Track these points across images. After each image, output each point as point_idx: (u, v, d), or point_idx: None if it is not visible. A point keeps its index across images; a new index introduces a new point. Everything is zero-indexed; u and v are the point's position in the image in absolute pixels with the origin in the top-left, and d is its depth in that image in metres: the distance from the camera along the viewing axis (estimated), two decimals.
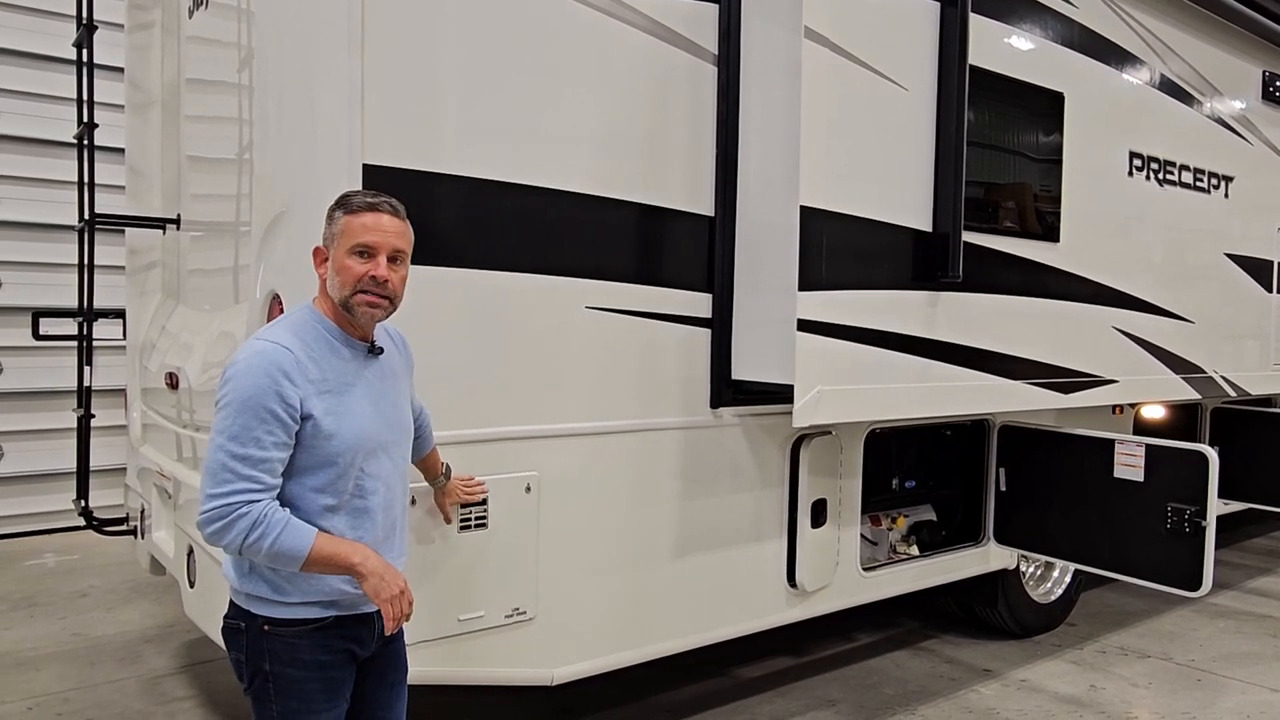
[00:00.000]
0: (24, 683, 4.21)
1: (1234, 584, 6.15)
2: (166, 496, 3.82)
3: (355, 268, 2.04)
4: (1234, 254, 5.18)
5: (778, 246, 3.26)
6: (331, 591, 2.08)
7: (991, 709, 4.11)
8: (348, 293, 2.05)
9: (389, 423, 2.15)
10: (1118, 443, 4.02)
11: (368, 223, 2.06)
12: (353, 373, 2.09)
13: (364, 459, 2.07)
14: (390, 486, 2.16)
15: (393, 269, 2.07)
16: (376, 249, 2.05)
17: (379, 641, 2.22)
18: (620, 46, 3.17)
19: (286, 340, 2.02)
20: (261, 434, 1.93)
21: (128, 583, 5.69)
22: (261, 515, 1.93)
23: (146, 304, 4.52)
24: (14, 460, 6.91)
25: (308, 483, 2.03)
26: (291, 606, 2.07)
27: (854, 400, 3.39)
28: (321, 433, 2.00)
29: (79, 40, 4.53)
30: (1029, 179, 4.04)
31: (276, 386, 1.95)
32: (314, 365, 2.03)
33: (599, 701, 4.02)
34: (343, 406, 2.04)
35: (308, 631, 2.08)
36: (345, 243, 2.06)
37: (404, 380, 2.28)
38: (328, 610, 2.09)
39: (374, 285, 2.05)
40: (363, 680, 2.24)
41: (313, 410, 1.99)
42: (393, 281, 2.07)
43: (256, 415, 1.93)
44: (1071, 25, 4.14)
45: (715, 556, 3.52)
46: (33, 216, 6.91)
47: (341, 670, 2.14)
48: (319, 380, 2.02)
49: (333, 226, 2.11)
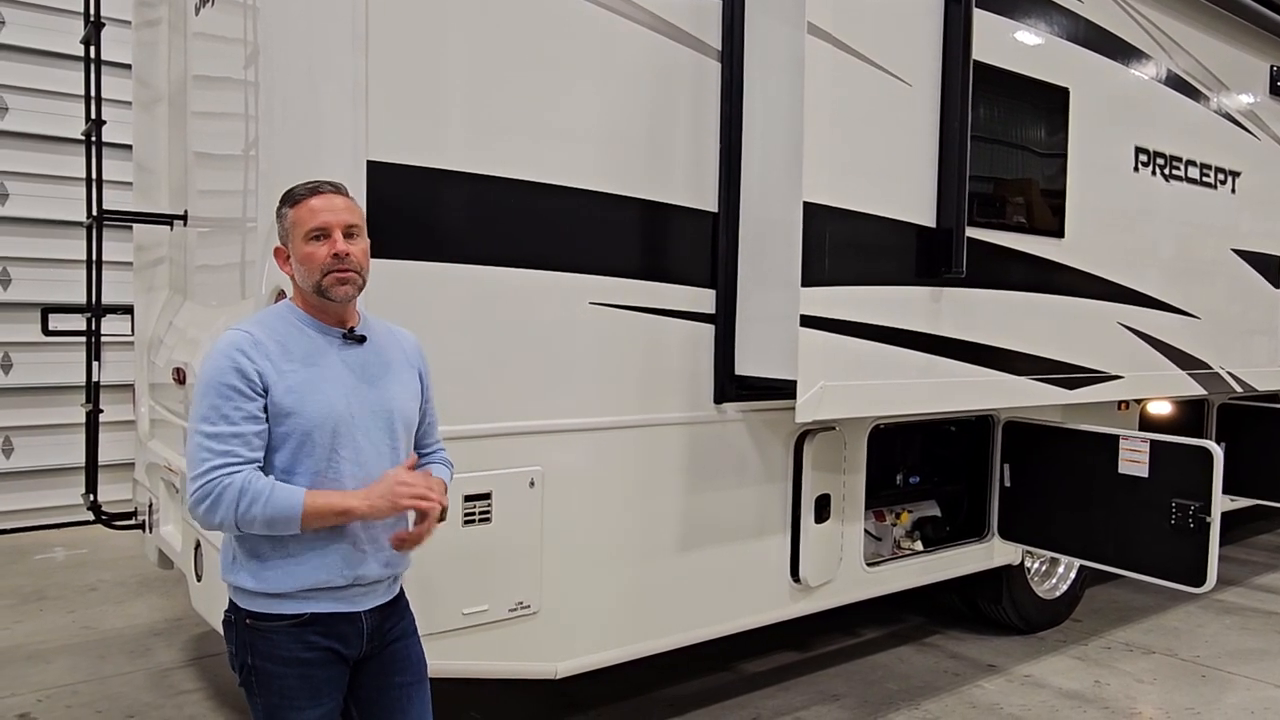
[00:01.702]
0: (34, 675, 4.24)
1: (1240, 580, 6.14)
2: (174, 491, 3.85)
3: (316, 252, 2.07)
4: (1241, 249, 5.16)
5: (781, 242, 3.26)
6: (311, 581, 2.06)
7: (995, 704, 4.11)
8: (317, 277, 2.08)
9: (365, 406, 2.12)
10: (1122, 438, 4.02)
11: (315, 206, 2.09)
12: (320, 355, 2.10)
13: (331, 439, 2.06)
14: (369, 471, 2.11)
15: (351, 243, 2.09)
16: (330, 227, 2.08)
17: (371, 642, 2.17)
18: (624, 43, 3.18)
19: (247, 325, 2.09)
20: (228, 410, 1.98)
21: (136, 577, 5.73)
22: (245, 484, 1.96)
23: (154, 300, 4.54)
24: (23, 455, 6.96)
25: (274, 461, 2.05)
26: (270, 599, 2.07)
27: (858, 396, 3.39)
28: (280, 410, 2.03)
29: (87, 37, 4.55)
30: (1034, 174, 4.03)
31: (234, 363, 2.00)
32: (276, 345, 2.06)
33: (603, 695, 4.03)
34: (305, 386, 2.05)
35: (286, 627, 2.08)
36: (299, 232, 2.10)
37: (401, 373, 2.23)
38: (305, 605, 2.08)
39: (337, 263, 2.07)
40: (364, 683, 2.21)
41: (270, 385, 2.02)
42: (354, 254, 2.09)
43: (220, 393, 1.99)
44: (1076, 20, 4.13)
45: (719, 551, 3.53)
46: (41, 213, 6.94)
47: (324, 670, 2.11)
48: (279, 358, 2.05)
49: (283, 224, 2.14)
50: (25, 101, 6.93)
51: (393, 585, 2.25)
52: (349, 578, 2.09)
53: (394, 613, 2.25)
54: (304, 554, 2.06)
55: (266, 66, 2.98)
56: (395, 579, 2.25)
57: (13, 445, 6.93)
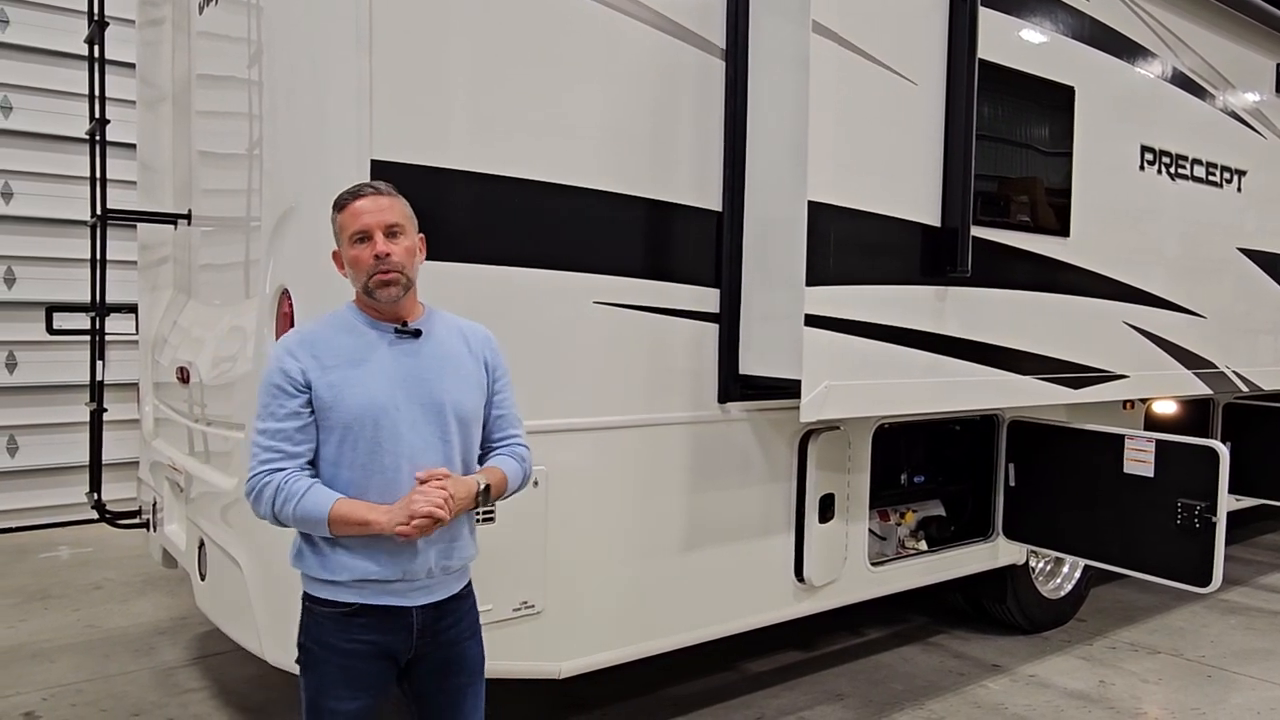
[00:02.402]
0: (39, 674, 4.25)
1: (1245, 580, 6.12)
2: (178, 490, 3.85)
3: (361, 255, 2.13)
4: (1247, 248, 5.15)
5: (786, 241, 3.26)
6: (360, 572, 2.10)
7: (1000, 704, 4.11)
8: (364, 279, 2.14)
9: (412, 398, 2.14)
10: (1128, 438, 4.01)
11: (357, 209, 2.15)
12: (371, 350, 2.15)
13: (374, 431, 2.10)
14: (416, 463, 2.13)
15: (392, 243, 2.13)
16: (370, 229, 2.13)
17: (423, 639, 2.18)
18: (628, 41, 3.17)
19: (303, 326, 2.24)
20: (275, 407, 2.10)
21: (141, 575, 5.74)
22: (283, 483, 2.06)
23: (158, 299, 4.55)
24: (28, 453, 6.97)
25: (324, 454, 2.13)
26: (323, 585, 2.14)
27: (862, 395, 3.39)
28: (322, 404, 2.10)
29: (91, 36, 4.56)
30: (1039, 173, 4.02)
31: (280, 363, 2.12)
32: (325, 343, 2.14)
33: (607, 695, 4.03)
34: (346, 381, 2.11)
35: (335, 615, 2.14)
36: (345, 235, 2.16)
37: (460, 367, 2.24)
38: (355, 596, 2.12)
39: (379, 264, 2.12)
40: (422, 679, 2.24)
41: (313, 381, 2.10)
42: (395, 254, 2.13)
43: (268, 392, 2.11)
44: (1082, 18, 4.12)
45: (723, 551, 3.52)
46: (46, 212, 6.95)
47: (366, 664, 2.14)
48: (326, 355, 2.12)
49: (334, 229, 2.21)
50: (30, 100, 6.94)
51: (450, 582, 2.24)
52: (397, 572, 2.11)
53: (452, 611, 2.24)
54: (354, 545, 2.11)
55: (270, 65, 2.98)
56: (454, 576, 2.24)
57: (17, 444, 6.94)
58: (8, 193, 6.90)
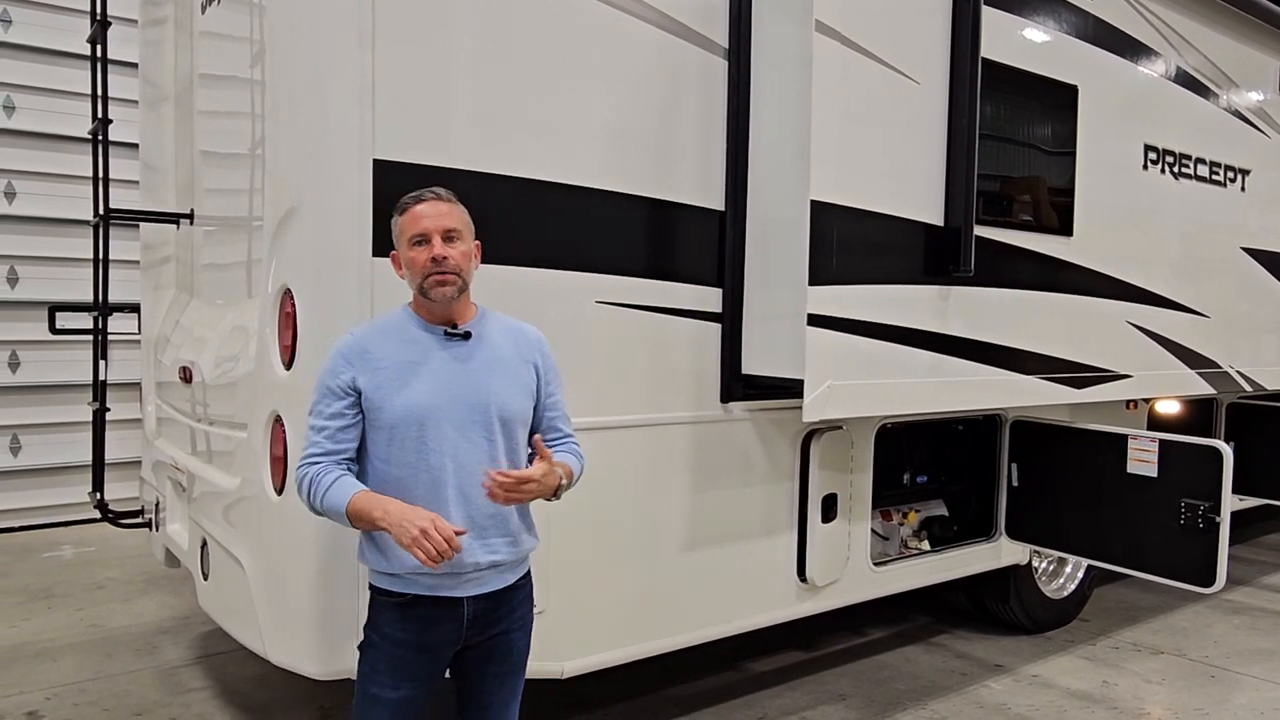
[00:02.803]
0: (42, 673, 4.25)
1: (1249, 580, 6.11)
2: (181, 490, 3.85)
3: (418, 256, 2.22)
4: (1251, 248, 5.14)
5: (788, 241, 3.25)
6: (411, 564, 2.17)
7: (1003, 704, 4.10)
8: (420, 280, 2.23)
9: (458, 400, 2.21)
10: (1131, 438, 4.00)
11: (418, 212, 2.24)
12: (421, 352, 2.23)
13: (419, 431, 2.18)
14: (461, 462, 2.19)
15: (450, 246, 2.22)
16: (429, 233, 2.21)
17: (474, 628, 2.26)
18: (631, 41, 3.17)
19: (358, 329, 2.31)
20: (323, 406, 2.23)
21: (143, 575, 5.74)
22: (316, 475, 2.18)
23: (161, 298, 4.55)
24: (31, 453, 6.98)
25: (376, 451, 2.23)
26: (381, 576, 2.25)
27: (865, 395, 3.38)
28: (371, 405, 2.21)
29: (93, 36, 4.56)
30: (1042, 172, 4.02)
31: (332, 366, 2.25)
32: (373, 348, 2.24)
33: (609, 694, 4.03)
34: (392, 383, 2.20)
35: (391, 604, 2.24)
36: (404, 238, 2.25)
37: (509, 369, 2.30)
38: (408, 587, 2.22)
39: (435, 266, 2.20)
40: (468, 665, 2.33)
41: (362, 386, 2.21)
42: (452, 257, 2.21)
43: (320, 391, 2.25)
44: (1085, 17, 4.11)
45: (725, 551, 3.52)
46: (48, 211, 6.96)
47: (414, 655, 2.22)
48: (373, 359, 2.22)
49: (394, 231, 2.30)
50: (32, 100, 6.94)
51: (504, 574, 2.30)
52: (444, 565, 2.16)
53: (506, 601, 2.31)
54: None
55: (273, 65, 2.98)
56: (506, 569, 2.30)
57: (20, 443, 6.95)
58: (10, 192, 6.91)
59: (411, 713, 2.24)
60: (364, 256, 2.71)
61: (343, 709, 3.87)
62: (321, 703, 3.92)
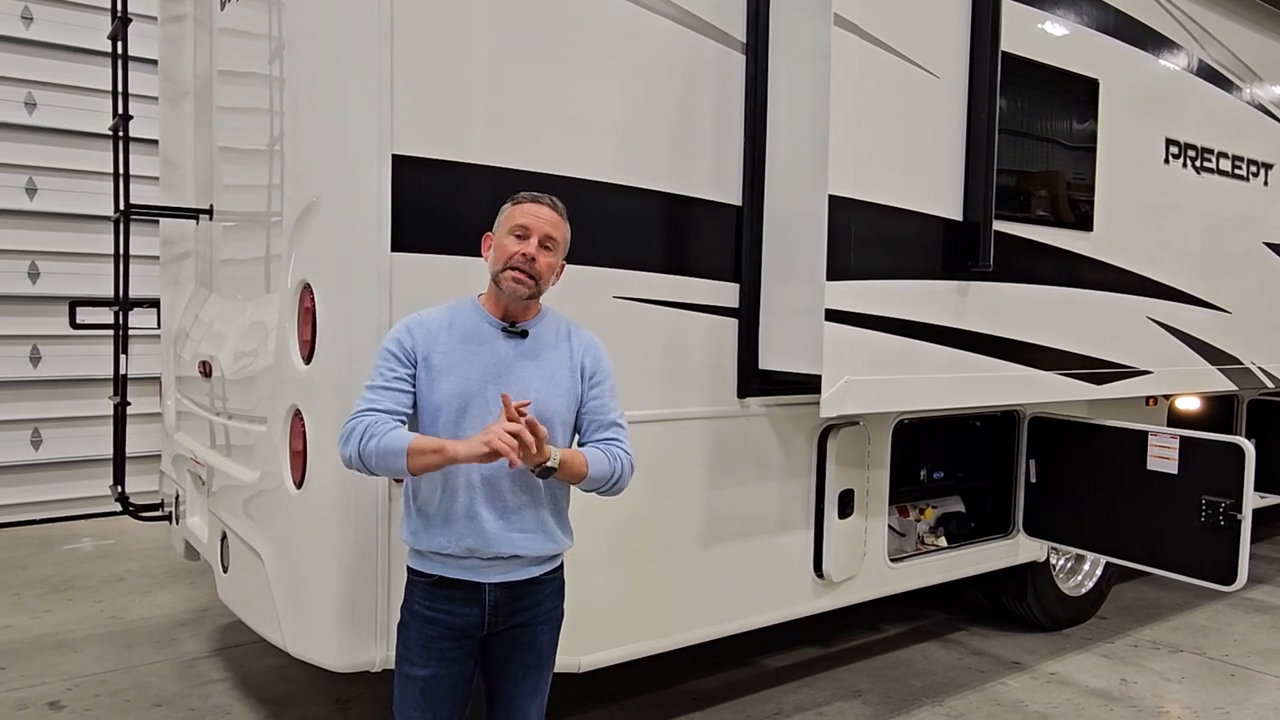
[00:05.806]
0: (63, 664, 4.30)
1: (1269, 578, 6.06)
2: (200, 483, 3.88)
3: (510, 246, 2.30)
4: (1273, 243, 5.08)
5: (806, 235, 3.24)
6: (436, 545, 2.27)
7: (1020, 701, 4.08)
8: (499, 268, 2.30)
9: (499, 391, 2.24)
10: (1151, 434, 3.97)
11: (528, 209, 2.33)
12: (479, 341, 2.31)
13: (458, 415, 2.25)
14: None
15: (542, 252, 2.30)
16: (531, 231, 2.30)
17: (496, 615, 2.31)
18: (648, 35, 3.16)
19: (425, 310, 2.39)
20: (384, 369, 2.28)
21: (163, 567, 5.79)
22: (372, 422, 2.20)
23: (180, 293, 4.58)
24: (52, 446, 7.05)
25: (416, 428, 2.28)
26: (414, 555, 2.34)
27: (882, 390, 3.37)
28: (421, 382, 2.29)
29: (114, 33, 4.59)
30: (1062, 167, 3.98)
31: (397, 335, 2.32)
32: (438, 329, 2.32)
33: (626, 689, 4.04)
34: (445, 366, 2.28)
35: (421, 584, 2.33)
36: (506, 226, 2.33)
37: (553, 371, 2.34)
38: (434, 568, 2.30)
39: (522, 262, 2.27)
40: (489, 653, 2.38)
41: (420, 360, 2.29)
42: (539, 262, 2.29)
43: (382, 357, 2.30)
44: (1106, 9, 4.07)
45: (742, 546, 3.52)
46: (69, 207, 7.02)
47: (440, 634, 2.29)
48: (439, 338, 2.31)
49: (500, 216, 2.38)
50: (53, 97, 7.00)
51: (530, 566, 2.34)
52: (463, 548, 2.26)
53: (530, 594, 2.35)
54: (433, 518, 2.28)
55: (292, 61, 2.99)
56: (530, 563, 2.33)
57: (41, 437, 7.02)
58: (32, 188, 6.97)
59: (440, 693, 2.30)
60: (383, 251, 2.72)
61: (360, 701, 3.89)
62: (339, 695, 3.94)
